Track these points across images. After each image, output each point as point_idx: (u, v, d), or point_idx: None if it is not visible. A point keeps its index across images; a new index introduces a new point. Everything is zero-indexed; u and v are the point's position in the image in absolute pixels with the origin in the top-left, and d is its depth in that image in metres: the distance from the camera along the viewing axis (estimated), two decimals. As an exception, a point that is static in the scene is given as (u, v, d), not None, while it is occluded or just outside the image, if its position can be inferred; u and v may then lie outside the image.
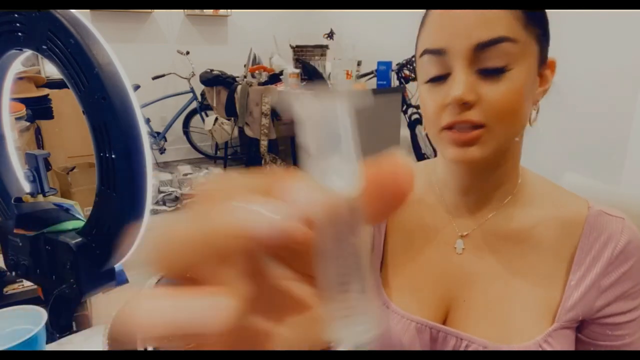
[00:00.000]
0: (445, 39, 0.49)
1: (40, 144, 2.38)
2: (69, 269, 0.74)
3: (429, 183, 0.63)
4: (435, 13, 0.51)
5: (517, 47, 0.48)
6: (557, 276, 0.54)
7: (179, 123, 4.75)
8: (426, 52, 0.51)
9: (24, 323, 0.71)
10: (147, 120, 4.50)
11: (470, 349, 0.54)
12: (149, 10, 4.39)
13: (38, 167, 0.79)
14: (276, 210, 0.16)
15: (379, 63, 3.05)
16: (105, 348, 0.56)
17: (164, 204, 3.50)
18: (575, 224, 0.54)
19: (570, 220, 0.55)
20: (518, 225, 0.56)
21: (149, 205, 0.70)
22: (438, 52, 0.50)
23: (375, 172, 0.18)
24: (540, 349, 0.51)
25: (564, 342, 0.53)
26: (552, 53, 0.54)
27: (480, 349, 0.53)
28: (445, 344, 0.56)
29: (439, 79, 0.51)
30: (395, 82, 3.26)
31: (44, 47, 0.66)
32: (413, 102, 3.48)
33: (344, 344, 0.20)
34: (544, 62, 0.52)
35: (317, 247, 0.18)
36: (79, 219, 0.82)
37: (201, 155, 5.01)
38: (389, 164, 0.18)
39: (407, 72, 3.26)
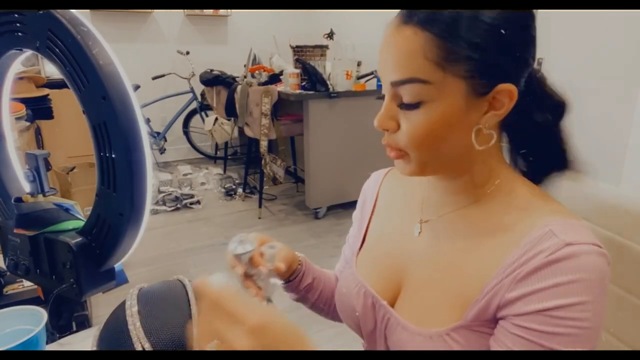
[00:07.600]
0: (380, 71, 0.56)
1: (40, 144, 2.38)
2: (69, 268, 0.74)
3: None
4: (382, 43, 0.55)
5: (429, 87, 0.50)
6: (481, 277, 0.53)
7: (179, 123, 4.75)
8: (374, 73, 0.58)
9: (24, 323, 0.71)
10: (147, 120, 4.51)
11: (390, 322, 0.61)
12: (149, 10, 4.39)
13: (38, 167, 0.79)
14: None
15: (379, 63, 3.03)
16: (94, 349, 0.56)
17: (164, 204, 3.50)
18: (518, 236, 0.52)
19: (517, 233, 0.52)
20: (471, 225, 0.58)
21: (149, 205, 0.70)
22: (379, 79, 0.55)
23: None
24: (442, 341, 0.53)
25: (467, 342, 0.52)
26: (552, 53, 0.53)
27: (399, 326, 0.59)
28: (377, 313, 0.63)
29: (383, 98, 0.57)
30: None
31: (44, 47, 0.66)
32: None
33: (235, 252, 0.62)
34: (484, 93, 0.51)
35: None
36: (79, 218, 0.82)
37: (201, 155, 5.01)
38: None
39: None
